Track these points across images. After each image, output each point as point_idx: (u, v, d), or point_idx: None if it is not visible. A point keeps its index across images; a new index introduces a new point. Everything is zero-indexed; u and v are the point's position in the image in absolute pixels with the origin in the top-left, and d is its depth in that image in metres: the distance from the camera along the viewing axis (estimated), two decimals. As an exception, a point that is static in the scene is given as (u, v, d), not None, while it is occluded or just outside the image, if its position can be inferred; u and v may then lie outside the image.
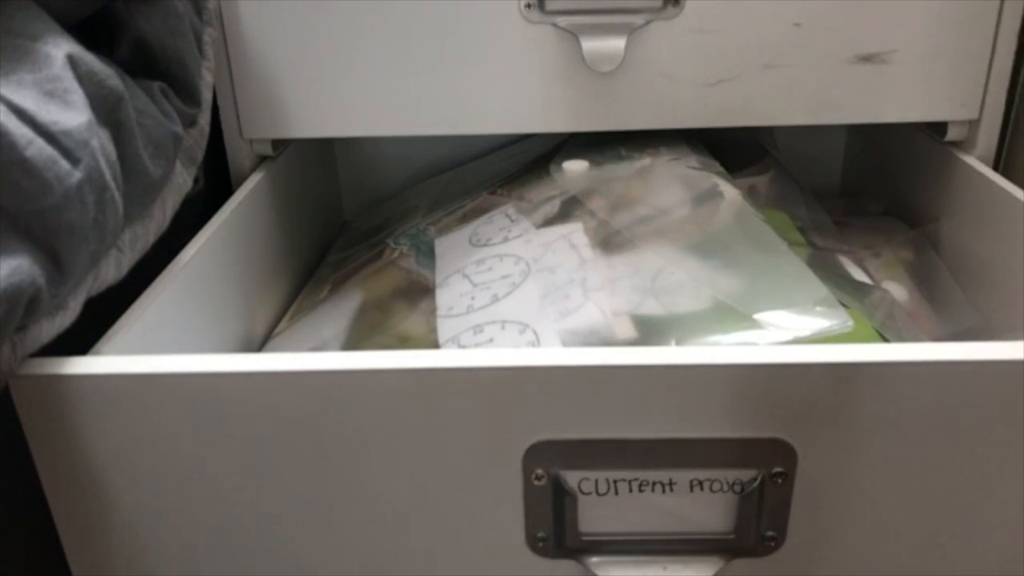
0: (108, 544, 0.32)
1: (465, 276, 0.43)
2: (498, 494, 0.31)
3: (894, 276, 0.49)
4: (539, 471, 0.30)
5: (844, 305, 0.36)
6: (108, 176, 0.29)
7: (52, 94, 0.28)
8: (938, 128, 0.50)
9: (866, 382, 0.28)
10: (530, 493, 0.30)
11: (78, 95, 0.29)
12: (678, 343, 0.35)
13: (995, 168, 0.48)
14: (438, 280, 0.45)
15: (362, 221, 0.64)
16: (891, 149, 0.58)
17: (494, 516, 0.31)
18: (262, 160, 0.52)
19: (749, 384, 0.28)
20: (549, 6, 0.45)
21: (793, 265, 0.38)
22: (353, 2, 0.46)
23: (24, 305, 0.26)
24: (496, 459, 0.30)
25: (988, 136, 0.48)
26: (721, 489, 0.31)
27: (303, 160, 0.58)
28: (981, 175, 0.46)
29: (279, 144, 0.52)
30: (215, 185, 0.49)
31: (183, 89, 0.37)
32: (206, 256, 0.41)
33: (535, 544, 0.32)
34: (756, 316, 0.36)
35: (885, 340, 0.37)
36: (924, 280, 0.49)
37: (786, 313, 0.35)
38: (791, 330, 0.35)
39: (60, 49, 0.29)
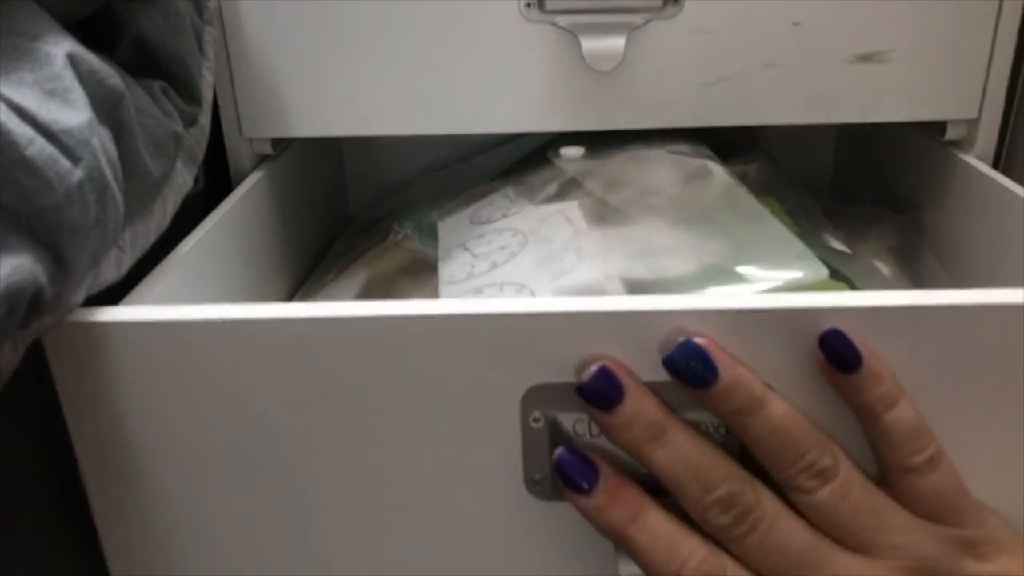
0: (133, 491, 0.33)
1: (466, 249, 0.45)
2: (497, 437, 0.31)
3: (879, 259, 0.49)
4: (536, 414, 0.31)
5: (831, 268, 0.38)
6: (109, 175, 0.29)
7: (53, 93, 0.28)
8: (937, 127, 0.50)
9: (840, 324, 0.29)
10: (528, 436, 0.31)
11: (79, 94, 0.29)
12: None
13: (995, 168, 0.48)
14: (440, 255, 0.46)
15: (366, 214, 0.65)
16: (889, 149, 0.58)
17: (493, 459, 0.32)
18: (262, 159, 0.52)
19: (730, 330, 0.29)
20: (549, 5, 0.45)
21: (775, 229, 0.41)
22: (353, 2, 0.46)
23: (26, 304, 0.26)
24: (495, 402, 0.31)
25: (987, 135, 0.48)
26: (707, 430, 0.31)
27: (308, 157, 0.58)
28: (981, 174, 0.46)
29: (279, 143, 0.52)
30: (215, 185, 0.49)
31: (183, 88, 0.37)
32: (203, 250, 0.41)
33: (532, 486, 0.32)
34: (738, 269, 0.38)
35: None
36: (909, 264, 0.50)
37: (766, 266, 0.38)
38: (770, 280, 0.37)
39: (60, 48, 0.29)
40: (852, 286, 0.40)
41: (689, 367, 0.28)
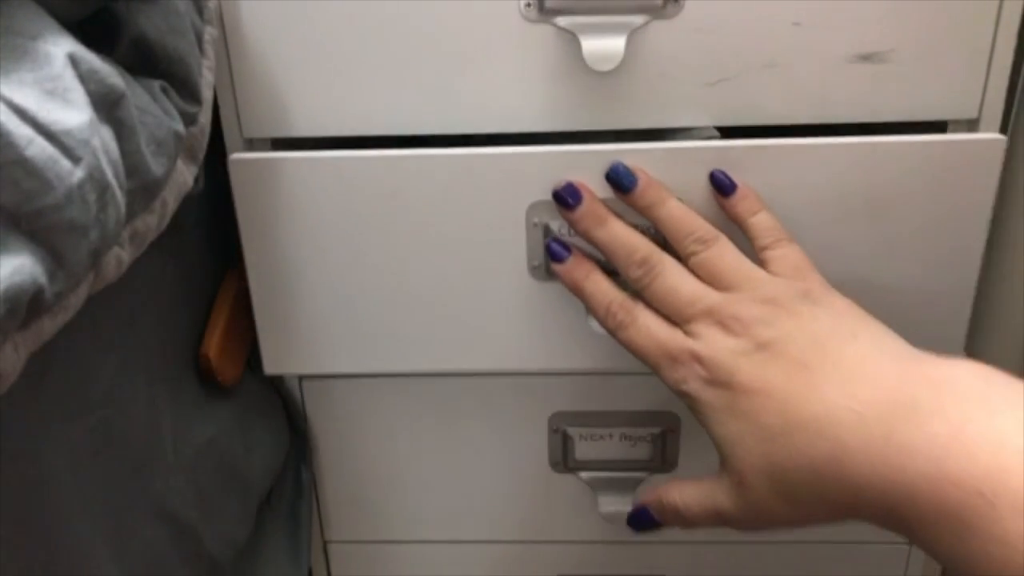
0: (286, 273, 0.50)
1: None
2: (510, 236, 0.49)
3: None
4: (536, 219, 0.48)
5: None
6: (110, 174, 0.29)
7: (53, 93, 0.28)
8: (937, 127, 0.50)
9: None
10: (530, 235, 0.49)
11: (79, 93, 0.29)
12: None
13: (994, 167, 0.48)
14: None
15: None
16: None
17: (508, 250, 0.49)
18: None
19: (652, 165, 0.46)
20: (549, 5, 0.45)
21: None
22: (353, 2, 0.46)
23: (27, 304, 0.26)
24: (509, 213, 0.48)
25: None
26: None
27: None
28: (980, 174, 0.46)
29: (279, 143, 0.52)
30: (215, 184, 0.49)
31: (184, 87, 0.37)
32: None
33: (532, 271, 0.50)
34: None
35: None
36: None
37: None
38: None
39: (60, 48, 0.29)
40: None
41: (619, 176, 0.46)
